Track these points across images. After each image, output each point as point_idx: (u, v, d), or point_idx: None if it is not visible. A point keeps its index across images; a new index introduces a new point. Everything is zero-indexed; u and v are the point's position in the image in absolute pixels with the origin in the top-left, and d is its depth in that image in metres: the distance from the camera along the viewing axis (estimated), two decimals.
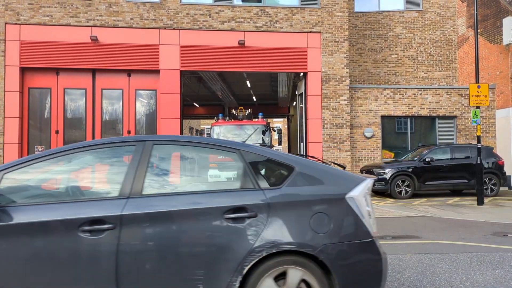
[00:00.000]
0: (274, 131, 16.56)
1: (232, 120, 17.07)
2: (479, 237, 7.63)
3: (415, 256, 6.10)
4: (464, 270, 5.36)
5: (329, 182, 3.49)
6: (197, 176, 4.18)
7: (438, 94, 17.61)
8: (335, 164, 4.15)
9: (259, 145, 15.13)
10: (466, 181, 14.28)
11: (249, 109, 17.70)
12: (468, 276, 5.12)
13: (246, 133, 15.78)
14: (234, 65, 16.48)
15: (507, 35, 17.73)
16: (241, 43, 16.20)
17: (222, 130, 15.76)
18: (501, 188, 15.21)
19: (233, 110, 17.93)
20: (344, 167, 3.93)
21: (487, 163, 14.28)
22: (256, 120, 16.44)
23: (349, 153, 16.69)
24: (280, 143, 16.63)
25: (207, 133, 17.17)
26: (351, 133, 17.04)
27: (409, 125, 17.69)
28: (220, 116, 16.58)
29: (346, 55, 16.82)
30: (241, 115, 17.12)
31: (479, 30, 18.96)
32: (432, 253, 6.29)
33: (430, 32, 21.59)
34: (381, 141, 17.36)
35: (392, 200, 13.64)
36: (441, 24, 21.64)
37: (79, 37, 15.67)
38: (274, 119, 45.34)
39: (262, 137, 15.58)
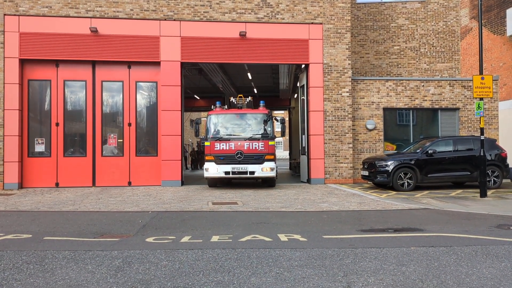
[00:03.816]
0: (277, 121, 15.67)
1: (231, 108, 16.08)
2: (483, 230, 7.56)
3: (419, 249, 6.04)
4: (469, 263, 5.30)
5: None
6: None
7: (441, 86, 17.48)
8: None
9: (260, 136, 14.66)
10: (469, 173, 14.20)
11: (250, 97, 16.91)
12: (474, 269, 5.05)
13: (246, 122, 14.93)
14: (235, 57, 16.34)
15: (511, 26, 17.54)
16: (242, 35, 16.05)
17: (220, 120, 14.88)
18: (504, 180, 15.16)
19: (232, 98, 16.89)
20: None
21: (490, 155, 14.17)
22: (257, 109, 15.47)
23: (351, 145, 16.61)
24: (283, 134, 15.50)
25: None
26: (353, 125, 16.95)
27: (411, 117, 17.58)
28: (218, 104, 15.57)
29: (348, 47, 16.67)
30: (240, 103, 16.07)
31: (482, 21, 18.77)
32: (436, 246, 6.22)
33: (432, 23, 21.40)
34: (383, 133, 17.27)
35: (394, 192, 13.57)
36: (444, 15, 21.44)
37: (78, 28, 15.53)
38: (275, 112, 45.15)
39: (264, 127, 14.75)
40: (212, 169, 14.35)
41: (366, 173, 14.81)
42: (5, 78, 15.15)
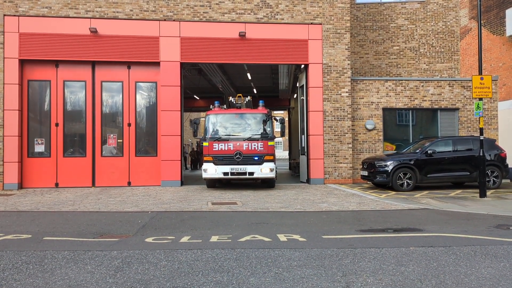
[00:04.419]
0: (276, 120, 15.32)
1: (230, 108, 15.86)
2: (483, 230, 7.57)
3: (418, 249, 6.04)
4: (468, 263, 5.31)
5: None
6: None
7: (440, 86, 17.50)
8: None
9: (259, 136, 14.34)
10: (468, 173, 14.21)
11: (249, 97, 16.67)
12: (472, 269, 5.06)
13: (245, 122, 14.65)
14: (234, 57, 16.35)
15: (510, 26, 17.55)
16: (242, 35, 16.06)
17: (218, 120, 14.58)
18: (503, 181, 15.17)
19: (230, 97, 16.59)
20: None
21: (489, 155, 14.19)
22: (257, 108, 15.14)
23: (350, 145, 16.62)
24: (282, 134, 15.29)
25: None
26: (352, 126, 16.96)
27: (410, 117, 17.59)
28: (216, 104, 15.25)
29: (348, 47, 16.68)
30: (239, 102, 15.81)
31: (482, 21, 18.79)
32: (435, 246, 6.23)
33: (432, 24, 21.41)
34: (382, 134, 17.27)
35: (394, 192, 13.58)
36: (444, 15, 21.46)
37: (78, 29, 15.54)
38: (275, 112, 45.21)
39: (263, 127, 14.41)
40: (211, 170, 14.09)
41: (365, 173, 14.82)
42: (5, 79, 15.15)
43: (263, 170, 14.09)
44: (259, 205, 10.78)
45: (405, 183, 13.88)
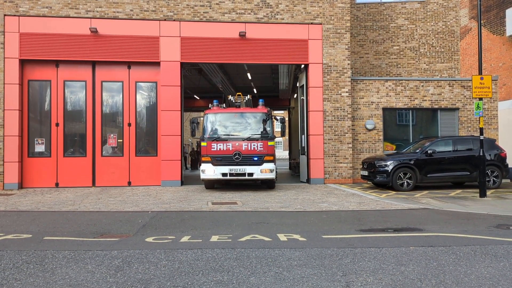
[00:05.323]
0: (277, 120, 15.02)
1: (229, 107, 15.57)
2: (483, 230, 7.57)
3: (418, 249, 6.05)
4: (468, 263, 5.31)
5: None
6: None
7: (440, 86, 17.50)
8: None
9: (259, 135, 14.05)
10: (468, 173, 14.21)
11: (249, 96, 16.39)
12: (472, 269, 5.07)
13: (245, 122, 14.31)
14: (234, 57, 16.35)
15: (510, 26, 17.55)
16: (242, 35, 16.07)
17: (217, 119, 14.21)
18: (503, 180, 15.17)
19: (230, 96, 16.32)
20: None
21: (490, 155, 14.19)
22: (257, 107, 14.78)
23: (350, 145, 16.62)
24: (283, 134, 14.91)
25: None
26: (352, 125, 16.96)
27: (410, 117, 17.60)
28: (215, 102, 14.96)
29: (348, 47, 16.68)
30: (239, 101, 15.52)
31: (482, 21, 18.80)
32: (435, 246, 6.23)
33: (432, 23, 21.42)
34: (382, 133, 17.28)
35: (394, 192, 13.58)
36: (444, 15, 21.47)
37: (78, 28, 15.54)
38: (275, 112, 45.14)
39: (263, 127, 14.06)
40: (209, 171, 13.76)
41: (365, 173, 14.83)
42: (5, 79, 15.16)
43: (263, 171, 13.80)
44: (259, 205, 10.78)
45: (405, 183, 13.89)
